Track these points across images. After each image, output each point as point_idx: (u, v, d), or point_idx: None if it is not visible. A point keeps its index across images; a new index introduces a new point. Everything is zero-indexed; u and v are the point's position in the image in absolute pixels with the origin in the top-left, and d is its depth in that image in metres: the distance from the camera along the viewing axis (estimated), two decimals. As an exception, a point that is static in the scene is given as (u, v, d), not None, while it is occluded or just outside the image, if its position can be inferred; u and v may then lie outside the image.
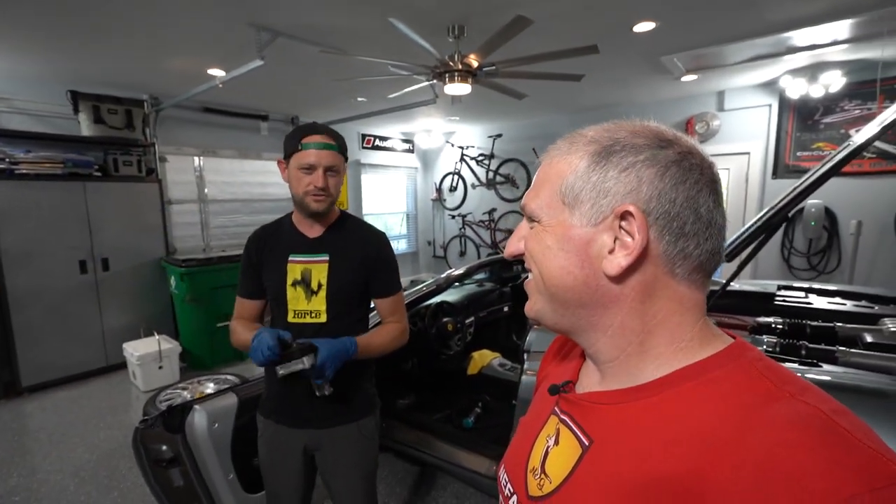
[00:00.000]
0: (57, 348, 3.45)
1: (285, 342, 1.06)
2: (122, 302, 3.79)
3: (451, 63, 2.62)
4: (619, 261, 0.39)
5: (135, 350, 3.36)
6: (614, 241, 0.40)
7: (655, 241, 0.39)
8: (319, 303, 1.19)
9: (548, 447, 0.48)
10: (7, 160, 3.17)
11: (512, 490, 0.51)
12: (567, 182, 0.42)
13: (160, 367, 3.39)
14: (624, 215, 0.39)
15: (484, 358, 2.67)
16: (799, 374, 0.38)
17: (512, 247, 0.48)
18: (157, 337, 3.47)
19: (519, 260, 0.49)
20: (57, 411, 3.07)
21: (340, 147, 1.18)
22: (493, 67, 2.68)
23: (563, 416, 0.48)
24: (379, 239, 1.27)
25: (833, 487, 0.28)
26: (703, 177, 0.40)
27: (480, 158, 6.35)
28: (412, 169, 7.07)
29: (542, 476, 0.47)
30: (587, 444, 0.43)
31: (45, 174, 3.31)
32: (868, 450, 0.31)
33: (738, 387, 0.37)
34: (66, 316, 3.49)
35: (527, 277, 0.49)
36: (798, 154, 4.09)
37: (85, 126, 3.62)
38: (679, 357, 0.41)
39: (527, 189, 0.57)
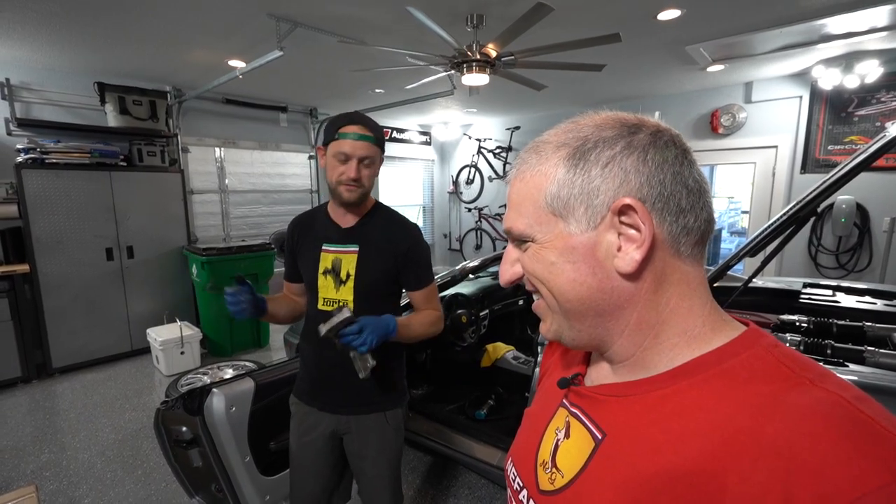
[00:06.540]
0: (85, 332, 3.58)
1: (241, 278, 1.15)
2: (147, 289, 3.91)
3: (469, 53, 2.59)
4: (633, 255, 0.38)
5: (158, 336, 3.46)
6: (618, 238, 0.39)
7: (658, 225, 0.39)
8: (347, 293, 1.21)
9: (557, 440, 0.47)
10: (38, 149, 3.28)
11: (521, 484, 0.50)
12: (549, 193, 0.41)
13: (182, 353, 3.49)
14: (623, 209, 0.38)
15: (498, 351, 2.67)
16: None
17: (507, 274, 0.47)
18: (179, 323, 3.57)
19: (517, 285, 0.47)
20: (85, 392, 3.19)
21: (377, 139, 1.17)
22: (512, 57, 2.64)
23: (573, 409, 0.47)
24: (410, 232, 1.25)
25: (858, 478, 0.27)
26: (678, 149, 0.40)
27: (498, 151, 6.29)
28: (429, 161, 7.06)
29: (554, 470, 0.46)
30: (600, 437, 0.42)
31: (74, 164, 3.42)
32: (894, 438, 0.29)
33: (754, 375, 0.36)
34: (93, 301, 3.62)
35: (532, 301, 0.48)
36: (829, 148, 3.93)
37: (111, 117, 3.72)
38: (692, 346, 0.40)
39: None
